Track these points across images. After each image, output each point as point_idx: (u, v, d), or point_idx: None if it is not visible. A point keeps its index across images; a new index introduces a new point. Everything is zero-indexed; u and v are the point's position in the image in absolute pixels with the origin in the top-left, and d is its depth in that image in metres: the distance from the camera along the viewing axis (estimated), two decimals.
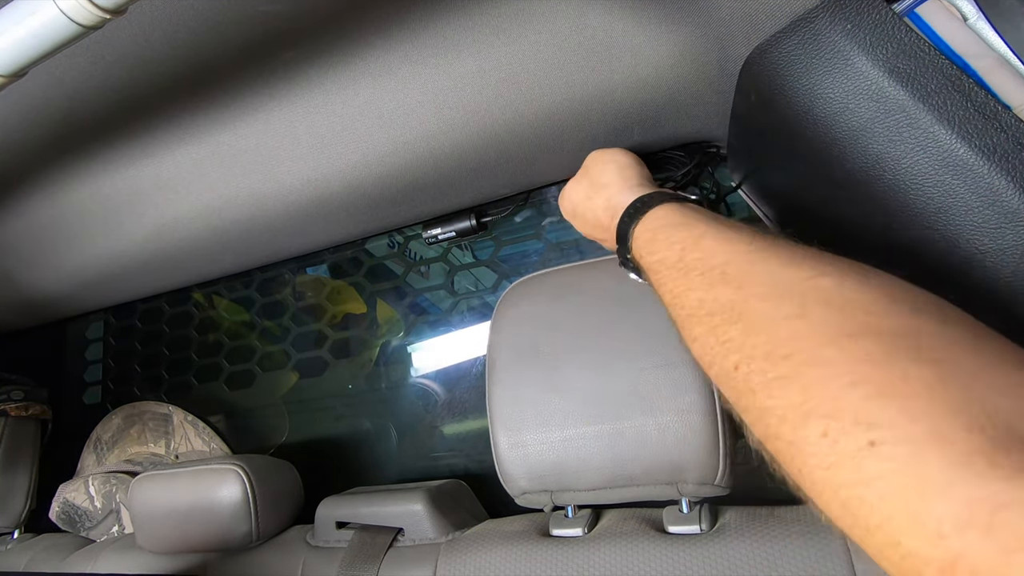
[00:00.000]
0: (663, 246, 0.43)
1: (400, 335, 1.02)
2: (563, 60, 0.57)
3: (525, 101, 0.61)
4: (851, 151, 0.40)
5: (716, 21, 0.48)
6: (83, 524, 1.10)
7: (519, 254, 0.93)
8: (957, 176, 0.35)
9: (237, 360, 1.14)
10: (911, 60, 0.36)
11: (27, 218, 0.86)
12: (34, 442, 1.14)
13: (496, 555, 0.63)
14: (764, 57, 0.44)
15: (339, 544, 0.76)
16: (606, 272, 0.66)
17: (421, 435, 0.97)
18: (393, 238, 1.02)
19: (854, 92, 0.39)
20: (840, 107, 0.40)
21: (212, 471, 0.80)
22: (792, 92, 0.42)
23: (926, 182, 0.36)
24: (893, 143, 0.37)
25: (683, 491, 0.58)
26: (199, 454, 1.11)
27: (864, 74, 0.38)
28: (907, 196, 0.37)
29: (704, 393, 0.56)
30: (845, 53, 0.38)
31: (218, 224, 0.82)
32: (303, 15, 0.55)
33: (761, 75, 0.45)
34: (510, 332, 0.67)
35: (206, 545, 0.80)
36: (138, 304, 1.24)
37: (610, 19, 0.54)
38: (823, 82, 0.40)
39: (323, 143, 0.69)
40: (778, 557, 0.52)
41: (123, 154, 0.74)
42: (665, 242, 0.43)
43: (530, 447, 0.62)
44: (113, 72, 0.59)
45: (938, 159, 0.35)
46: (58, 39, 0.37)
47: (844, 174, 0.42)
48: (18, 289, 1.01)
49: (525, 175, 0.75)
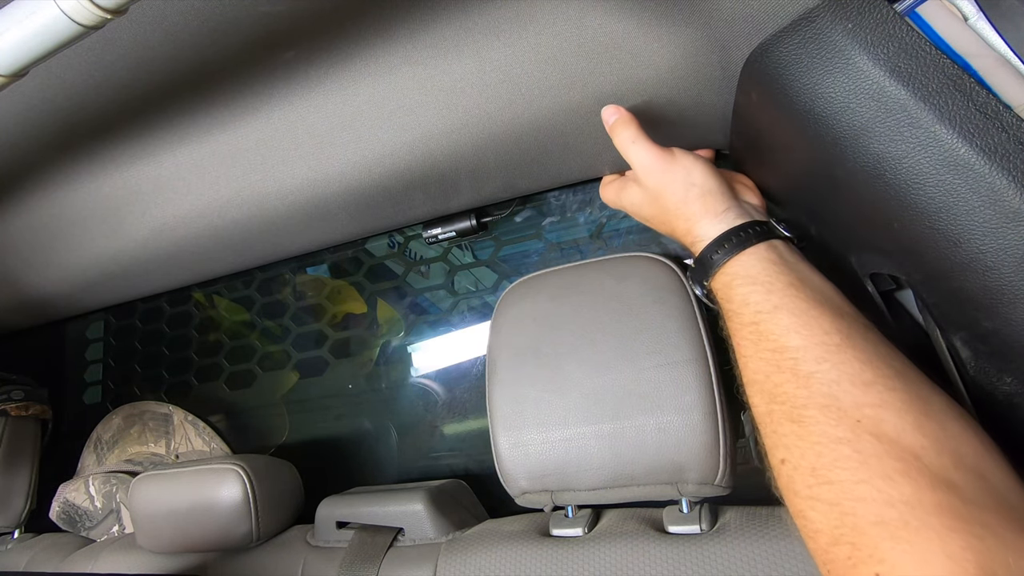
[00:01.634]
0: (739, 304, 0.42)
1: (400, 335, 1.02)
2: (563, 61, 0.57)
3: (525, 102, 0.61)
4: (852, 150, 0.40)
5: (717, 22, 0.48)
6: (83, 524, 1.10)
7: (519, 254, 0.93)
8: (958, 175, 0.35)
9: (237, 360, 1.14)
10: (912, 59, 0.36)
11: (27, 218, 0.86)
12: (34, 442, 1.14)
13: (496, 555, 0.63)
14: (765, 56, 0.44)
15: (339, 544, 0.76)
16: (606, 272, 0.66)
17: (421, 435, 0.97)
18: (393, 238, 1.02)
19: (855, 91, 0.38)
20: (841, 106, 0.39)
21: (212, 471, 0.80)
22: (793, 91, 0.42)
23: (927, 181, 0.36)
24: (894, 142, 0.37)
25: (683, 491, 0.58)
26: (199, 454, 1.11)
27: (865, 73, 0.38)
28: (908, 195, 0.37)
29: (704, 393, 0.56)
30: (846, 52, 0.38)
31: (218, 224, 0.82)
32: (303, 15, 0.55)
33: (762, 74, 0.45)
34: (510, 332, 0.67)
35: (206, 545, 0.80)
36: (138, 304, 1.24)
37: (610, 20, 0.54)
38: (824, 81, 0.40)
39: (323, 143, 0.69)
40: (778, 557, 0.52)
41: (123, 154, 0.74)
42: (742, 301, 0.42)
43: (530, 447, 0.62)
44: (113, 72, 0.59)
45: (939, 158, 0.35)
46: (59, 39, 0.37)
47: (846, 173, 0.42)
48: (18, 289, 1.01)
49: (524, 179, 0.75)
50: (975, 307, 0.37)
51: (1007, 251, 0.34)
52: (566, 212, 0.89)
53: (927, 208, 0.37)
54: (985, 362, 0.40)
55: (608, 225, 0.86)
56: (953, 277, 0.38)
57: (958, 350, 0.42)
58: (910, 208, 0.38)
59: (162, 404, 1.17)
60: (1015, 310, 0.35)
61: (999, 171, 0.33)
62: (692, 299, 0.61)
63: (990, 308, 0.36)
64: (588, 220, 0.88)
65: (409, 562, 0.69)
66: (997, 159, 0.34)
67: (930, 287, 0.41)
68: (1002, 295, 0.35)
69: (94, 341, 1.32)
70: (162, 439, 1.14)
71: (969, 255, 0.36)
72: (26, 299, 1.05)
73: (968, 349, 0.41)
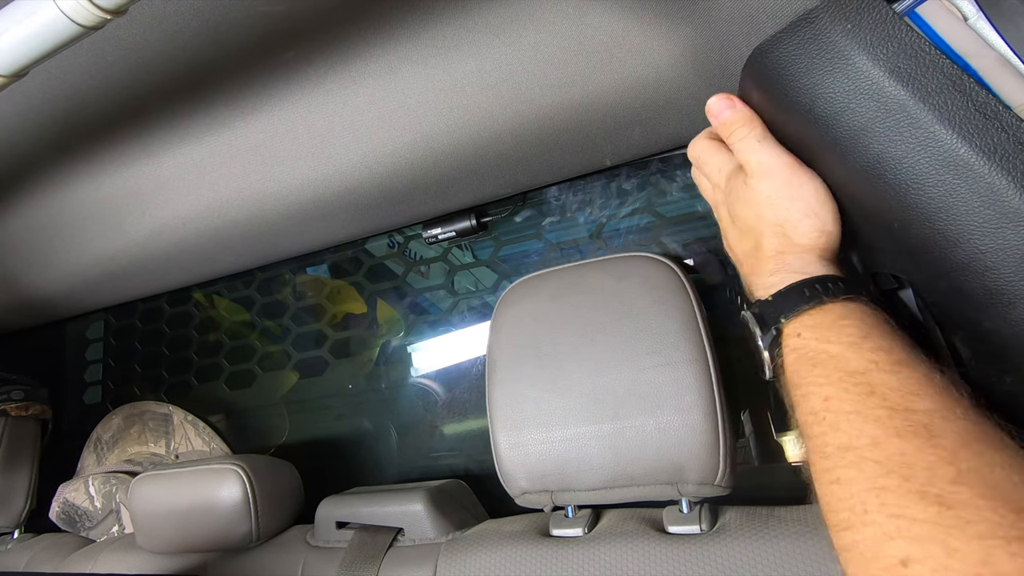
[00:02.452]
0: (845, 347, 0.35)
1: (400, 335, 1.02)
2: (563, 60, 0.57)
3: (525, 101, 0.61)
4: (852, 151, 0.40)
5: (716, 21, 0.48)
6: (83, 524, 1.10)
7: (519, 254, 0.93)
8: (957, 176, 0.35)
9: (237, 360, 1.14)
10: (912, 59, 0.36)
11: (27, 218, 0.86)
12: (34, 442, 1.14)
13: (496, 555, 0.63)
14: (765, 57, 0.44)
15: (339, 544, 0.76)
16: (606, 272, 0.66)
17: (421, 435, 0.97)
18: (393, 238, 1.02)
19: (855, 92, 0.38)
20: (841, 107, 0.39)
21: (212, 471, 0.80)
22: (793, 92, 0.42)
23: (927, 182, 0.36)
24: (894, 143, 0.37)
25: (683, 491, 0.58)
26: (199, 454, 1.11)
27: (865, 73, 0.38)
28: (908, 196, 0.37)
29: (704, 393, 0.56)
30: (846, 53, 0.38)
31: (218, 224, 0.82)
32: (303, 15, 0.55)
33: (762, 75, 0.45)
34: (510, 332, 0.67)
35: (206, 545, 0.80)
36: (138, 304, 1.24)
37: (610, 19, 0.54)
38: (824, 81, 0.40)
39: (323, 143, 0.69)
40: (778, 557, 0.52)
41: (123, 154, 0.74)
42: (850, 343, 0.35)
43: (530, 447, 0.62)
44: (113, 72, 0.59)
45: (938, 159, 0.35)
46: (58, 39, 0.37)
47: (845, 173, 0.42)
48: (18, 289, 1.01)
49: (525, 175, 0.75)
50: (975, 307, 0.37)
51: (1007, 251, 0.34)
52: (566, 212, 0.89)
53: (927, 208, 0.37)
54: (985, 362, 0.40)
55: (608, 225, 0.86)
56: (953, 277, 0.38)
57: (958, 349, 0.42)
58: (910, 208, 0.38)
59: (162, 404, 1.17)
60: (1014, 310, 0.35)
61: (999, 171, 0.34)
62: (692, 299, 0.61)
63: (990, 308, 0.36)
64: (588, 220, 0.88)
65: (409, 562, 0.69)
66: (997, 159, 0.34)
67: (930, 287, 0.41)
68: (1001, 295, 0.35)
69: (94, 341, 1.32)
70: (162, 439, 1.14)
71: (969, 255, 0.36)
72: (26, 299, 1.05)
73: (968, 349, 0.41)
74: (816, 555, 0.51)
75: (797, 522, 0.54)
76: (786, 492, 0.73)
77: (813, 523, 0.53)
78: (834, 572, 0.50)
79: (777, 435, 0.74)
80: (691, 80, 0.56)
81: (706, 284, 0.79)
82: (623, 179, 0.85)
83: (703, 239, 0.80)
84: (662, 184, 0.83)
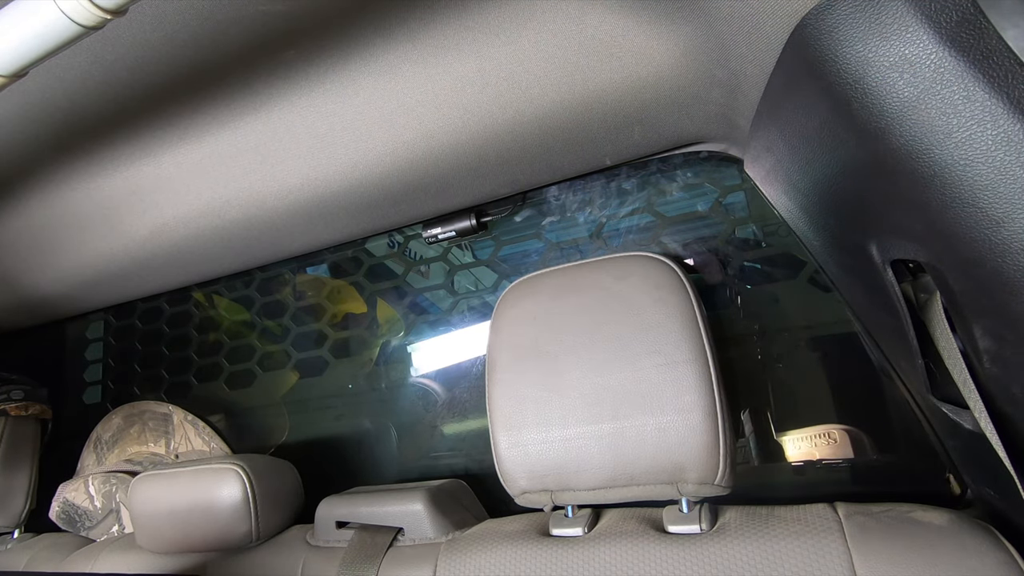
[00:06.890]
0: None
1: (400, 335, 1.02)
2: (563, 60, 0.57)
3: (525, 100, 0.61)
4: (899, 124, 0.38)
5: (716, 21, 0.48)
6: (83, 524, 1.10)
7: (519, 254, 0.93)
8: (1010, 153, 0.34)
9: (237, 360, 1.14)
10: (972, 31, 0.35)
11: (27, 218, 0.86)
12: (34, 442, 1.14)
13: (496, 555, 0.63)
14: (816, 24, 0.42)
15: (339, 544, 0.76)
16: (606, 272, 0.66)
17: (421, 435, 0.97)
18: (393, 238, 1.02)
19: (910, 61, 0.37)
20: (894, 76, 0.38)
21: (212, 471, 0.80)
22: (843, 60, 0.40)
23: (977, 159, 0.35)
24: (946, 116, 0.36)
25: (683, 491, 0.58)
26: (199, 454, 1.11)
27: (923, 43, 0.36)
28: (953, 173, 0.36)
29: (705, 393, 0.56)
30: (905, 20, 0.37)
31: (218, 224, 0.82)
32: (303, 15, 0.55)
33: (809, 43, 0.43)
34: (510, 332, 0.67)
35: (206, 545, 0.80)
36: (138, 304, 1.24)
37: (610, 19, 0.54)
38: (878, 49, 0.38)
39: (323, 143, 0.69)
40: (778, 557, 0.52)
41: (123, 154, 0.74)
42: None
43: (530, 447, 0.62)
44: (113, 72, 0.59)
45: (993, 135, 0.34)
46: (59, 39, 0.37)
47: (887, 149, 0.40)
48: (18, 289, 1.01)
49: (525, 174, 0.75)
50: (1009, 291, 0.36)
51: None
52: (566, 212, 0.89)
53: (972, 186, 0.36)
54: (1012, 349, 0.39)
55: (608, 225, 0.86)
56: (988, 260, 0.37)
57: (978, 341, 0.41)
58: (953, 186, 0.36)
59: (162, 404, 1.17)
60: None
61: None
62: (692, 299, 0.61)
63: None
64: (588, 220, 0.88)
65: (409, 562, 0.69)
66: None
67: (961, 271, 0.40)
68: None
69: (94, 341, 1.32)
70: (162, 439, 1.14)
71: (1010, 236, 0.35)
72: (26, 299, 1.05)
73: (991, 338, 0.40)
74: (816, 555, 0.51)
75: (797, 522, 0.54)
76: (786, 492, 0.73)
77: (813, 523, 0.53)
78: (835, 572, 0.50)
79: (777, 435, 0.74)
80: (691, 80, 0.56)
81: (706, 284, 0.79)
82: (623, 179, 0.85)
83: (703, 239, 0.80)
84: (662, 184, 0.83)
